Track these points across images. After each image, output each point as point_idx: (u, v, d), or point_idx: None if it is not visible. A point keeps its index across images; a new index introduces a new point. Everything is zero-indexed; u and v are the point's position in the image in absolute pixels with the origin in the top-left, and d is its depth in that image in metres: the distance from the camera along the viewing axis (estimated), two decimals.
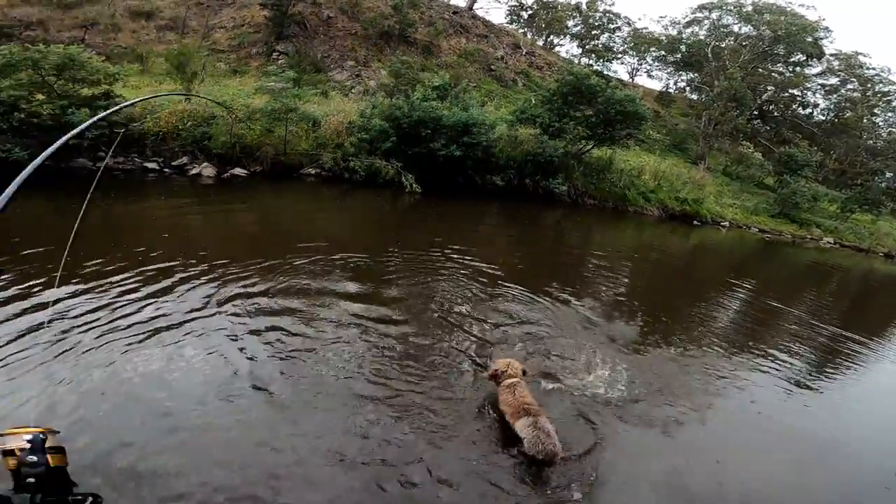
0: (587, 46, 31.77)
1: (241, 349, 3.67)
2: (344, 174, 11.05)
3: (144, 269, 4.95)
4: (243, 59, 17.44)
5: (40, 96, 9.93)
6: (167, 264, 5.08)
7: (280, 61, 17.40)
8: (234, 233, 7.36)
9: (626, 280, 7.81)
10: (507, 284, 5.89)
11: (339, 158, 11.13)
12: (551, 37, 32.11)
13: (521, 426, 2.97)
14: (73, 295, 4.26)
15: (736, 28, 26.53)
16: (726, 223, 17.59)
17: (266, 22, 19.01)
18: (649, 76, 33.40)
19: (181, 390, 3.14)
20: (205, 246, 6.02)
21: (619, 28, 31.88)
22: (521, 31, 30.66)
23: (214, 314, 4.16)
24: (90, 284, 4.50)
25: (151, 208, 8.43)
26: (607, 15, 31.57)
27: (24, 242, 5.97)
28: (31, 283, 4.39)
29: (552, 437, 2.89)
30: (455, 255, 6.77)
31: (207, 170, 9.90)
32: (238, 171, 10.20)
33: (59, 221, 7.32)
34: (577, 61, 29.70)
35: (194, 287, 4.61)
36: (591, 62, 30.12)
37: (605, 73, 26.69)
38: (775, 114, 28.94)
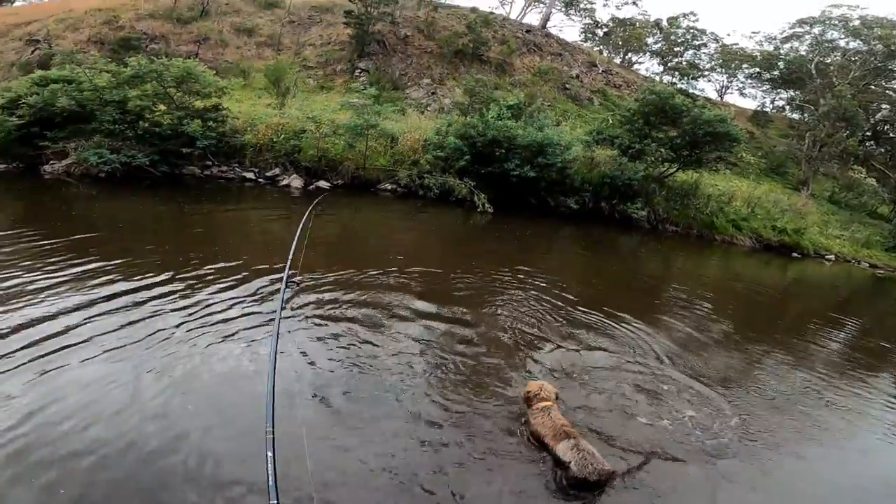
0: (669, 64, 30.29)
1: (304, 353, 3.83)
2: (418, 191, 11.30)
3: (236, 269, 5.40)
4: (329, 76, 18.63)
5: (162, 107, 11.17)
6: (256, 266, 5.50)
7: (361, 78, 18.38)
8: (314, 242, 7.73)
9: (712, 313, 7.16)
10: (579, 308, 5.64)
11: (415, 175, 11.42)
12: (629, 54, 31.03)
13: (564, 449, 2.88)
14: (173, 291, 4.71)
15: (843, 43, 24.08)
16: (831, 256, 15.66)
17: (349, 40, 20.21)
18: (741, 94, 31.26)
19: (245, 390, 3.32)
20: (282, 256, 6.38)
21: (704, 44, 30.14)
22: (597, 48, 29.96)
23: (289, 318, 4.36)
24: (189, 280, 4.99)
25: (247, 215, 9.16)
26: (691, 31, 29.98)
27: (132, 236, 6.82)
28: (136, 274, 5.02)
29: (598, 456, 2.82)
30: (525, 277, 6.63)
31: (296, 181, 10.61)
32: (322, 183, 10.81)
33: (166, 220, 8.24)
34: (658, 79, 28.34)
35: (276, 290, 4.86)
36: (674, 80, 28.64)
37: (691, 91, 25.22)
38: (891, 135, 25.61)
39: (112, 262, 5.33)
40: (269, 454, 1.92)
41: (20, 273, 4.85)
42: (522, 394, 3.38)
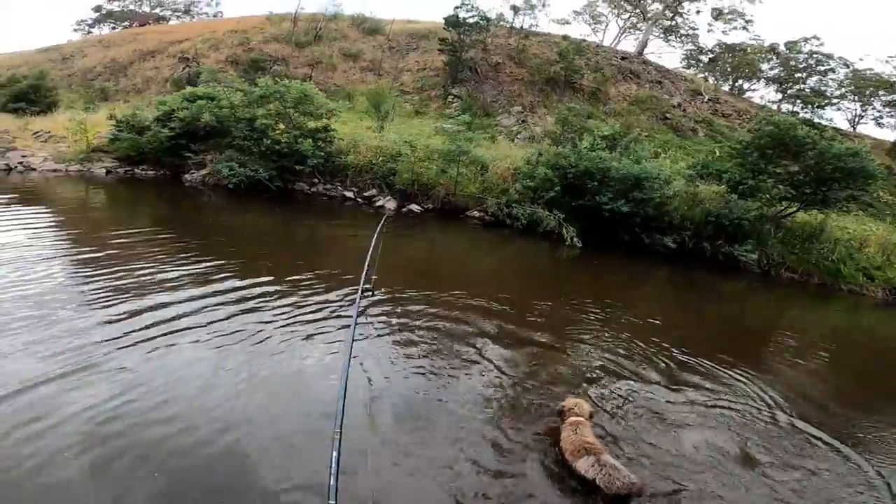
0: (789, 91, 27.38)
1: (377, 363, 4.06)
2: (505, 220, 11.29)
3: (329, 277, 6.07)
4: (424, 101, 19.55)
5: (281, 125, 12.50)
6: (346, 276, 6.02)
7: (454, 104, 19.03)
8: (402, 261, 8.14)
9: (833, 365, 6.27)
10: (670, 349, 5.24)
11: (503, 204, 11.44)
12: (739, 81, 28.62)
13: (584, 466, 2.85)
14: (272, 291, 5.36)
15: None
16: None
17: (443, 66, 21.10)
18: (878, 125, 27.08)
19: (307, 395, 3.58)
20: (375, 273, 6.85)
21: (832, 69, 26.82)
22: (701, 75, 28.04)
23: (366, 327, 4.71)
24: (287, 284, 5.66)
25: (344, 231, 9.85)
26: (814, 56, 26.89)
27: (248, 241, 7.74)
28: (246, 274, 5.78)
29: (622, 469, 2.79)
30: (612, 314, 6.33)
31: (390, 203, 11.21)
32: (414, 206, 11.29)
33: (277, 230, 9.18)
34: (776, 108, 25.72)
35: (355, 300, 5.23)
36: (795, 109, 25.79)
37: (816, 120, 22.52)
38: None
39: (229, 262, 6.26)
40: (335, 454, 1.90)
41: (154, 265, 5.84)
42: (557, 409, 3.38)
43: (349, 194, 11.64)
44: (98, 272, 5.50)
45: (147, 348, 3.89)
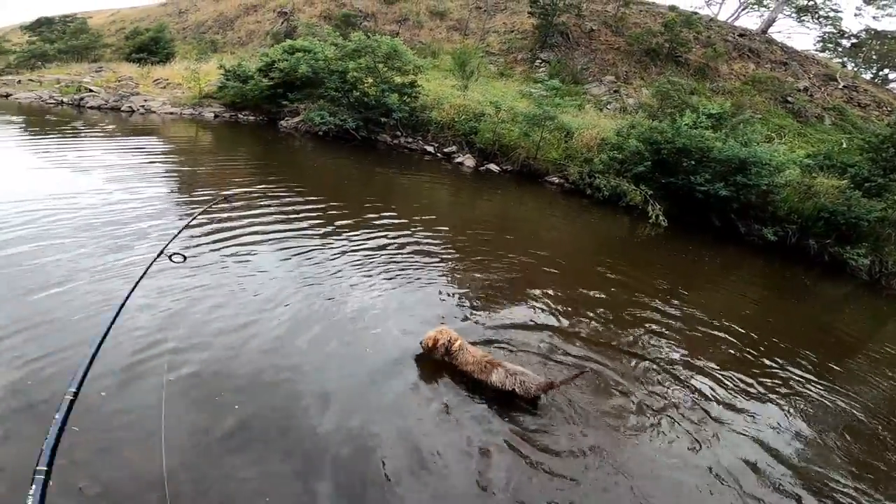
0: None
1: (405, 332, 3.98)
2: (586, 190, 10.82)
3: (401, 224, 6.32)
4: (510, 64, 18.93)
5: (370, 79, 12.82)
6: (416, 222, 6.32)
7: (542, 69, 18.23)
8: (474, 220, 8.17)
9: None
10: (747, 350, 4.80)
11: (585, 173, 10.95)
12: (886, 70, 24.37)
13: (499, 379, 3.17)
14: (346, 228, 5.77)
15: None
16: None
17: (532, 30, 20.15)
18: None
19: (347, 355, 3.55)
20: (450, 224, 7.12)
21: None
22: (838, 60, 24.21)
23: (424, 285, 4.81)
24: (362, 225, 6.02)
25: (421, 182, 10.01)
26: None
27: (332, 184, 8.19)
28: (326, 212, 6.27)
29: (530, 373, 3.20)
30: (686, 302, 5.82)
31: (469, 160, 11.17)
32: (492, 166, 11.17)
33: (359, 176, 9.62)
34: None
35: (423, 253, 5.51)
36: None
37: None
38: None
39: (312, 198, 6.83)
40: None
41: (250, 196, 6.54)
42: (427, 344, 3.41)
43: (429, 149, 11.76)
44: (197, 188, 6.44)
45: (225, 265, 4.47)
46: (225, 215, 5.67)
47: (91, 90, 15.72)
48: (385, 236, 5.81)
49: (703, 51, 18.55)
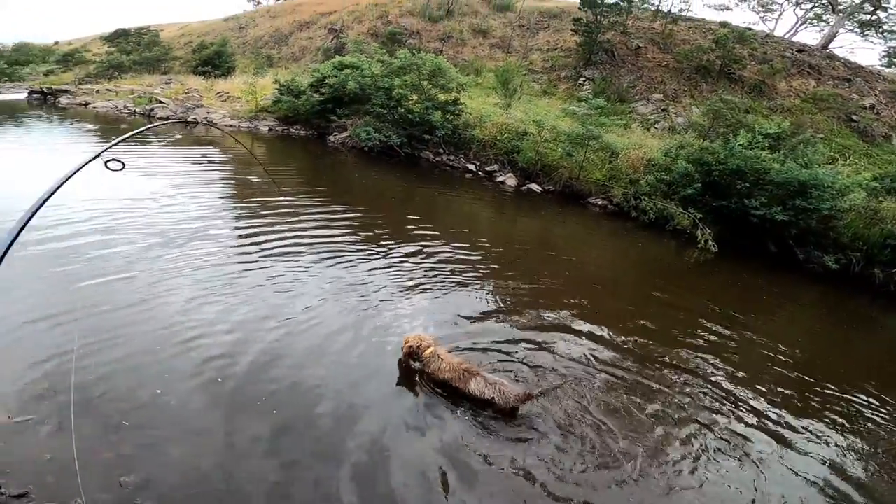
0: None
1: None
2: (631, 212, 10.57)
3: (438, 240, 6.47)
4: (553, 81, 18.89)
5: (414, 96, 13.17)
6: (455, 242, 6.38)
7: (586, 87, 18.07)
8: (514, 238, 8.18)
9: None
10: (802, 388, 4.47)
11: (630, 195, 10.70)
12: None
13: (477, 388, 3.13)
14: (385, 242, 5.98)
15: None
16: None
17: (576, 47, 20.03)
18: None
19: (372, 366, 3.63)
20: (488, 240, 7.20)
21: None
22: None
23: (460, 297, 4.89)
24: (400, 240, 6.21)
25: (461, 201, 10.14)
26: None
27: (374, 198, 8.52)
28: (366, 225, 6.61)
29: (509, 384, 3.19)
30: (735, 333, 5.49)
31: (510, 180, 11.21)
32: (534, 186, 11.14)
33: (401, 191, 9.90)
34: None
35: (460, 267, 5.60)
36: None
37: None
38: None
39: (354, 211, 7.26)
40: None
41: (296, 206, 6.94)
42: (403, 350, 3.42)
43: (471, 167, 11.89)
44: (248, 196, 7.08)
45: (274, 268, 4.82)
46: (270, 220, 6.05)
47: (161, 101, 17.05)
48: (423, 249, 6.05)
49: (758, 67, 17.80)
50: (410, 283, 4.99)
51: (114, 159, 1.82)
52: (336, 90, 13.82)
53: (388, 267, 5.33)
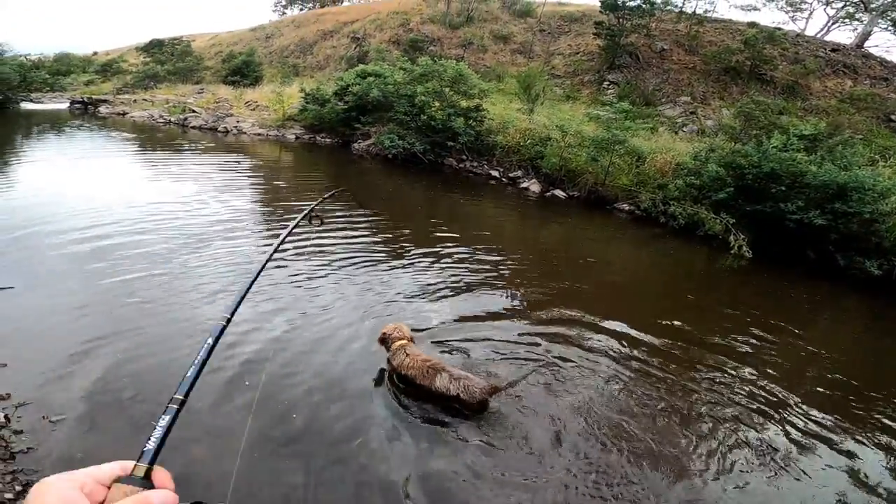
0: None
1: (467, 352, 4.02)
2: (659, 217, 10.34)
3: (462, 245, 6.58)
4: (576, 86, 18.73)
5: (437, 103, 13.25)
6: (478, 251, 6.40)
7: (610, 91, 17.85)
8: (539, 244, 8.13)
9: None
10: (841, 402, 4.22)
11: (659, 200, 10.47)
12: None
13: (443, 384, 3.04)
14: (407, 250, 6.09)
15: None
16: None
17: (599, 51, 19.81)
18: None
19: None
20: (512, 246, 7.24)
21: None
22: None
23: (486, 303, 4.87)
24: (423, 248, 6.26)
25: (484, 207, 10.12)
26: None
27: (398, 204, 8.59)
28: (389, 230, 6.79)
29: (474, 378, 3.08)
30: (770, 343, 5.23)
31: (534, 186, 11.13)
32: (558, 192, 11.03)
33: (424, 198, 9.97)
34: None
35: (484, 272, 5.62)
36: None
37: None
38: None
39: (378, 217, 7.40)
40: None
41: (321, 211, 7.01)
42: (379, 336, 3.43)
43: (495, 173, 11.86)
44: (278, 201, 7.28)
45: (298, 280, 4.90)
46: (297, 228, 6.21)
47: (194, 111, 17.69)
48: (445, 253, 6.12)
49: (790, 68, 17.23)
50: (438, 290, 5.05)
51: (316, 216, 2.17)
52: (360, 98, 14.05)
53: (416, 273, 5.43)
